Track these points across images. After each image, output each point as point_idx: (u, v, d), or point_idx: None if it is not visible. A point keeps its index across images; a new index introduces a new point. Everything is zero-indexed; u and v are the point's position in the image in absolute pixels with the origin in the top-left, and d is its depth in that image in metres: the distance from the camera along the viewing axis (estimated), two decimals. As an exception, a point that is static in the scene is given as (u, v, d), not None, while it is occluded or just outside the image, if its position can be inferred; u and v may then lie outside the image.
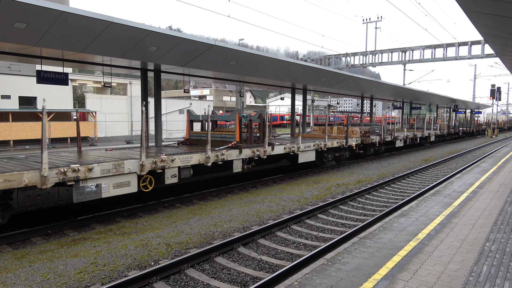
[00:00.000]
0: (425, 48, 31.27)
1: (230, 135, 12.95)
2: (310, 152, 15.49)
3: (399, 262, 5.39)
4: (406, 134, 25.31)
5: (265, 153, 12.86)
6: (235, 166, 11.95)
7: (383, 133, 21.61)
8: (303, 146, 14.98)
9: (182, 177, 10.36)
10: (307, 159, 15.40)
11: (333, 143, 17.01)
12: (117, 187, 8.64)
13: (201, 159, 10.76)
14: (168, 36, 10.88)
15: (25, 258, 6.76)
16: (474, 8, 8.56)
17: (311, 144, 15.46)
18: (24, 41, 9.37)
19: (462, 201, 9.29)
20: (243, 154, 12.09)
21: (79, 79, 34.58)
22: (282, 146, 13.95)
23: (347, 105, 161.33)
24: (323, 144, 16.27)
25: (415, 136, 26.70)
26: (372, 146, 21.30)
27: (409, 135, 25.68)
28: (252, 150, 12.47)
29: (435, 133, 32.06)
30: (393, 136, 22.85)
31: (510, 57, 17.11)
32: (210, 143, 10.78)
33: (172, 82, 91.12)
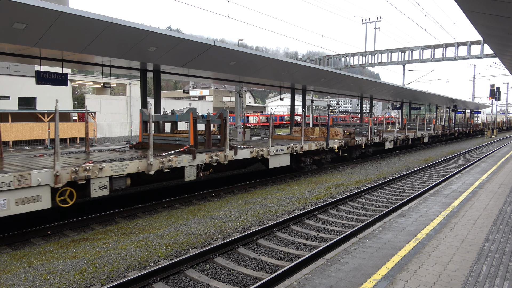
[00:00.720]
0: (424, 48, 31.29)
1: (185, 138, 11.21)
2: (283, 156, 14.01)
3: (398, 262, 5.39)
4: (396, 135, 23.92)
5: (225, 158, 11.38)
6: (187, 174, 10.37)
7: (370, 134, 20.28)
8: (275, 150, 13.49)
9: (115, 189, 8.76)
10: (280, 163, 13.89)
11: (311, 146, 15.53)
12: (22, 203, 7.07)
13: (141, 167, 9.17)
14: (168, 37, 10.89)
15: (25, 258, 6.75)
16: (473, 8, 8.56)
17: (284, 147, 13.95)
18: (23, 42, 9.37)
19: (461, 201, 9.30)
20: (198, 160, 10.51)
21: (78, 79, 34.56)
22: (248, 150, 12.45)
23: (346, 105, 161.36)
24: (298, 147, 14.68)
25: (406, 137, 25.39)
26: (358, 148, 19.84)
27: (400, 136, 24.42)
28: (209, 155, 10.89)
29: (428, 134, 30.73)
30: (381, 137, 21.66)
31: (509, 57, 17.12)
32: (152, 148, 9.28)
33: (171, 82, 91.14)
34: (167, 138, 12.12)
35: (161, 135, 12.43)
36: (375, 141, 21.01)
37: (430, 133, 31.26)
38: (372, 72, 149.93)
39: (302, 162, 15.72)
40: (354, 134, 18.89)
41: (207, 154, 10.90)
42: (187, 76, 15.73)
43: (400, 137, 24.36)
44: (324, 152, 16.83)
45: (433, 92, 36.97)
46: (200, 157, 10.65)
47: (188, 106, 40.15)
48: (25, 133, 23.15)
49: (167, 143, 11.86)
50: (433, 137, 32.92)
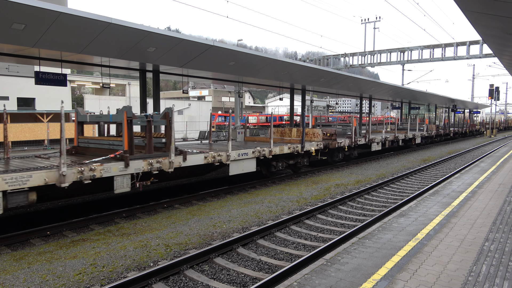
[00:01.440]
0: (423, 48, 31.32)
1: (119, 142, 9.47)
2: (248, 161, 12.44)
3: (398, 262, 5.39)
4: (384, 136, 22.39)
5: (171, 165, 9.71)
6: (118, 185, 8.68)
7: (354, 135, 18.86)
8: (236, 154, 11.91)
9: (12, 206, 7.11)
10: (244, 169, 12.31)
11: (283, 149, 13.90)
12: None
13: (50, 178, 7.46)
14: (167, 37, 10.88)
15: (24, 259, 6.74)
16: (472, 8, 8.57)
17: (248, 151, 12.39)
18: (22, 42, 9.36)
19: (461, 201, 9.30)
20: (132, 168, 8.87)
21: (77, 80, 34.56)
22: (201, 155, 10.85)
23: (346, 106, 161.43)
24: (267, 150, 13.09)
25: (396, 138, 23.95)
26: (341, 150, 18.40)
27: (389, 137, 22.97)
28: (149, 162, 9.23)
29: (421, 135, 29.20)
30: (367, 138, 20.23)
31: (508, 56, 17.14)
32: (64, 155, 7.61)
33: (171, 82, 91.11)
34: (100, 142, 10.29)
35: (96, 139, 10.78)
36: (360, 142, 19.57)
37: (422, 133, 29.83)
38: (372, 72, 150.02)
39: (273, 167, 14.23)
40: (336, 136, 17.45)
41: (146, 161, 9.22)
42: (187, 76, 15.72)
43: (389, 138, 22.99)
44: (300, 155, 15.35)
45: (432, 92, 36.99)
46: (136, 165, 9.00)
47: (188, 106, 40.12)
48: (24, 133, 23.14)
49: (101, 147, 10.11)
50: (426, 138, 31.47)
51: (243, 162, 12.28)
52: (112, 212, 9.52)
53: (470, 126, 51.63)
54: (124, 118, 9.26)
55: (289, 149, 14.26)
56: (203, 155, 10.90)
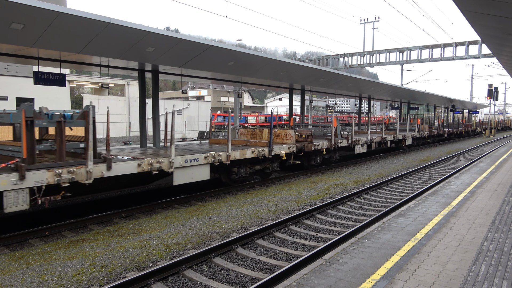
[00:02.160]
0: (422, 48, 31.35)
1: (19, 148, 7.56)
2: (199, 168, 10.72)
3: (397, 262, 5.39)
4: (370, 138, 20.64)
5: (89, 175, 7.97)
6: (10, 202, 6.95)
7: (334, 136, 17.17)
8: (182, 161, 10.17)
9: None
10: (194, 178, 10.61)
11: (245, 153, 12.27)
12: None
13: None
14: (166, 37, 10.87)
15: (23, 259, 6.73)
16: (471, 8, 8.58)
17: (199, 157, 10.66)
18: (21, 42, 9.35)
19: (460, 200, 9.31)
20: (31, 181, 7.16)
21: (76, 80, 34.54)
22: (133, 162, 9.09)
23: (345, 106, 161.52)
24: (224, 155, 11.44)
25: (383, 140, 22.33)
26: (318, 154, 16.71)
27: (375, 138, 21.34)
28: (56, 173, 7.47)
29: (412, 135, 27.41)
30: (350, 140, 18.55)
31: (507, 56, 17.17)
32: None
33: (170, 82, 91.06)
34: (3, 147, 8.44)
35: None
36: (342, 144, 17.91)
37: (414, 134, 28.06)
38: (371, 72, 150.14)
39: (234, 174, 12.53)
40: (312, 137, 15.90)
41: (51, 171, 7.42)
42: (186, 76, 15.71)
43: (375, 139, 21.40)
44: (268, 160, 13.60)
45: (431, 92, 37.05)
46: (37, 176, 7.26)
47: (187, 106, 40.11)
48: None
49: (3, 154, 8.20)
50: (418, 139, 29.71)
51: (192, 169, 10.53)
52: (111, 212, 9.51)
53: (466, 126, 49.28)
54: (23, 118, 7.48)
55: (253, 153, 12.61)
56: (136, 162, 9.14)
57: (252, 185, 13.50)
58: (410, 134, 27.01)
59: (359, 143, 19.43)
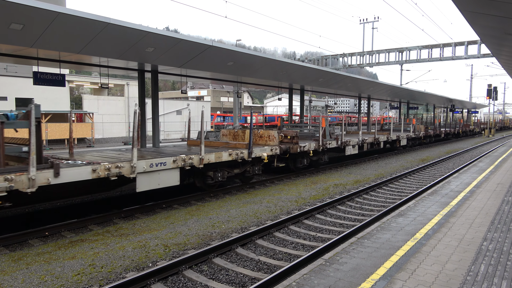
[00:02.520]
0: (422, 48, 31.37)
1: None
2: (167, 172, 9.86)
3: (397, 262, 5.40)
4: (362, 138, 19.89)
5: (32, 183, 7.12)
6: None
7: (321, 137, 16.30)
8: (147, 165, 9.29)
9: None
10: (161, 183, 9.75)
11: (221, 156, 11.42)
12: None
13: None
14: (165, 37, 10.87)
15: (22, 260, 6.73)
16: (470, 8, 8.59)
17: (167, 160, 9.81)
18: (20, 43, 9.34)
19: (459, 200, 9.32)
20: None
21: (76, 80, 34.53)
22: (87, 167, 8.22)
23: (344, 106, 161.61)
24: (196, 158, 10.57)
25: (376, 140, 21.54)
26: (305, 156, 15.93)
27: (367, 139, 20.55)
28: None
29: (407, 136, 26.70)
30: (340, 141, 17.64)
31: (506, 56, 17.19)
32: None
33: (169, 83, 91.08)
34: None
35: None
36: (331, 146, 17.02)
37: (409, 134, 27.38)
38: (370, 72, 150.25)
39: (209, 178, 11.58)
40: (297, 138, 15.05)
41: None
42: (185, 76, 15.71)
43: (368, 140, 20.57)
44: (248, 163, 12.79)
45: (430, 92, 37.06)
46: None
47: (186, 106, 40.12)
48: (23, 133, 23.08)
49: None
50: (413, 140, 28.99)
51: (158, 174, 9.68)
52: (111, 212, 9.51)
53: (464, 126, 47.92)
54: None
55: (231, 156, 11.78)
56: (90, 167, 8.23)
57: (252, 185, 13.50)
58: (405, 135, 26.23)
59: (350, 144, 18.59)
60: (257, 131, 14.95)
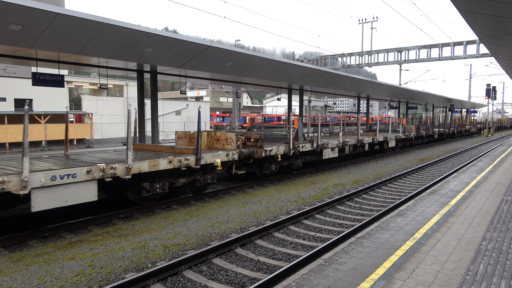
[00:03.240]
0: (420, 48, 31.41)
1: None
2: (78, 186, 7.93)
3: (396, 261, 5.40)
4: (342, 140, 17.81)
5: None
6: None
7: (292, 140, 14.29)
8: (46, 178, 7.30)
9: None
10: (69, 200, 7.79)
11: (157, 164, 9.49)
12: None
13: None
14: (164, 38, 10.87)
15: (22, 261, 6.72)
16: (469, 8, 8.61)
17: (77, 172, 7.83)
18: (19, 43, 9.34)
19: (458, 200, 9.33)
20: None
21: (75, 81, 34.50)
22: None
23: (343, 106, 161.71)
24: (121, 168, 8.66)
25: (360, 142, 19.69)
26: (273, 161, 14.06)
27: (349, 141, 18.59)
28: None
29: (396, 137, 24.67)
30: (316, 143, 15.83)
31: (505, 56, 17.22)
32: None
33: (168, 83, 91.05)
34: None
35: None
36: (305, 149, 15.23)
37: (398, 135, 25.33)
38: (369, 72, 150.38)
39: (144, 190, 9.84)
40: (262, 141, 13.39)
41: None
42: (184, 77, 15.71)
43: (350, 142, 18.63)
44: (197, 171, 11.00)
45: (429, 92, 37.09)
46: None
47: (185, 106, 40.11)
48: (21, 134, 23.06)
49: None
50: (403, 141, 27.19)
51: (66, 189, 7.70)
52: (110, 213, 9.50)
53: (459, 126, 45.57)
54: None
55: (171, 163, 9.82)
56: None
57: (251, 186, 13.50)
58: (394, 136, 24.30)
59: (328, 146, 16.74)
60: (213, 134, 13.07)
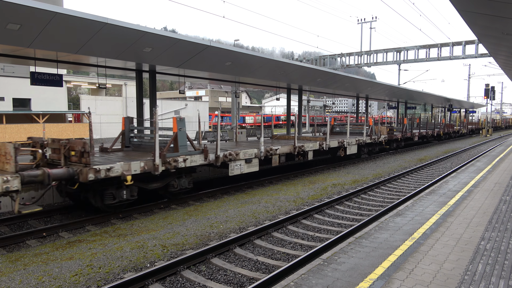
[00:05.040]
0: (419, 48, 31.45)
1: None
2: None
3: (395, 261, 5.40)
4: (264, 149, 13.08)
5: None
6: None
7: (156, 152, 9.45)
8: None
9: None
10: None
11: None
12: None
13: None
14: (163, 37, 10.85)
15: (20, 261, 6.71)
16: (468, 8, 8.61)
17: None
18: (17, 43, 9.31)
19: (457, 200, 9.33)
20: None
21: (73, 80, 34.44)
22: None
23: (342, 105, 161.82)
24: None
25: (300, 150, 14.86)
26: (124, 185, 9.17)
27: (279, 148, 13.81)
28: None
29: (358, 141, 19.33)
30: (214, 154, 11.24)
31: (504, 56, 17.24)
32: None
33: (167, 83, 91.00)
34: None
35: None
36: (189, 164, 10.48)
37: (360, 140, 19.59)
38: (368, 72, 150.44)
39: None
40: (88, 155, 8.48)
41: None
42: (183, 76, 15.69)
43: (280, 150, 13.83)
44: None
45: (428, 92, 37.14)
46: None
47: (184, 106, 40.09)
48: (20, 134, 23.04)
49: None
50: (371, 146, 21.62)
51: None
52: (109, 213, 9.47)
53: (446, 127, 38.32)
54: None
55: None
56: None
57: (250, 185, 13.49)
58: (355, 140, 19.09)
59: (239, 158, 12.07)
60: None
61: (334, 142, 17.39)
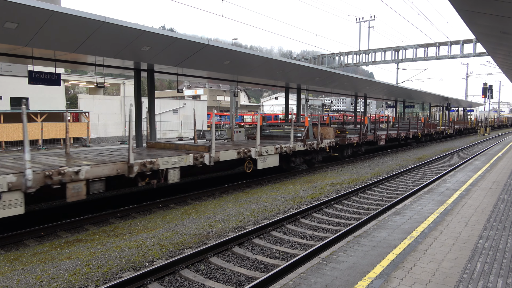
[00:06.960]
0: (418, 47, 31.45)
1: None
2: None
3: (393, 260, 5.41)
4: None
5: None
6: None
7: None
8: None
9: None
10: None
11: None
12: None
13: None
14: (161, 36, 10.83)
15: (18, 260, 6.69)
16: (466, 7, 8.61)
17: None
18: (15, 41, 9.28)
19: (455, 198, 9.35)
20: None
21: (71, 79, 34.32)
22: None
23: (341, 104, 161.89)
24: None
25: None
26: None
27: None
28: None
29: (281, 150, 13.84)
30: None
31: (502, 55, 17.26)
32: None
33: (165, 82, 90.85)
34: None
35: None
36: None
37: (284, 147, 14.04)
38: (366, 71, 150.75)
39: None
40: None
41: None
42: (181, 75, 15.67)
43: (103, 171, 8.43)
44: None
45: (426, 91, 37.20)
46: None
47: (183, 105, 40.02)
48: (18, 133, 22.95)
49: None
50: (306, 154, 16.18)
51: None
52: (107, 212, 9.47)
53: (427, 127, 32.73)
54: None
55: None
56: None
57: (249, 184, 13.48)
58: (274, 148, 13.51)
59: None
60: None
61: (229, 153, 11.81)
